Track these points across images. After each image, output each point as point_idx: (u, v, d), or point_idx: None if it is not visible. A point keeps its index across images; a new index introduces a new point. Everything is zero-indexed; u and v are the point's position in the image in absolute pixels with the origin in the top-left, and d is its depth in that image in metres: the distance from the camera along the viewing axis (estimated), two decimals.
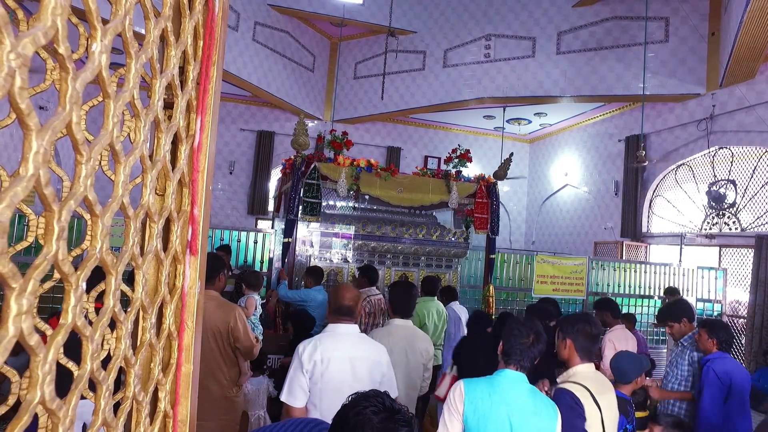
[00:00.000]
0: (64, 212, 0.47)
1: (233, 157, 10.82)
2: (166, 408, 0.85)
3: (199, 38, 0.88)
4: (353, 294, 2.38)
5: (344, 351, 2.23)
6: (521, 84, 9.34)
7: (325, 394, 2.15)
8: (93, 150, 0.52)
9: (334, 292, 2.39)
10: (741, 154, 7.38)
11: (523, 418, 1.79)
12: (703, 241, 7.79)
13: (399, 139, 11.87)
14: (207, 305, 2.60)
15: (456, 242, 5.69)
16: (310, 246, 5.34)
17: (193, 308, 0.91)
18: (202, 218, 0.91)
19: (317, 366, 2.16)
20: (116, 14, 0.57)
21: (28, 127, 0.41)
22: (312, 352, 2.19)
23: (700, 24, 7.71)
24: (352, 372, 2.20)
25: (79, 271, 0.51)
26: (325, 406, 2.10)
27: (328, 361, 2.17)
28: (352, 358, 2.23)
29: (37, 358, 0.44)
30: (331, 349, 2.21)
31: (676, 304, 3.67)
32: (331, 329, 2.32)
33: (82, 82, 0.48)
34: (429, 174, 5.40)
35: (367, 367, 2.25)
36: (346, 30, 10.64)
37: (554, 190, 11.53)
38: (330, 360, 2.18)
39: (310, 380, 2.16)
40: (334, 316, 2.34)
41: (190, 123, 0.88)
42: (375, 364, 2.28)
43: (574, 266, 6.74)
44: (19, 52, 0.38)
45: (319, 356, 2.17)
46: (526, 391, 1.86)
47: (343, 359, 2.21)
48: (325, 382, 2.15)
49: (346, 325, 2.33)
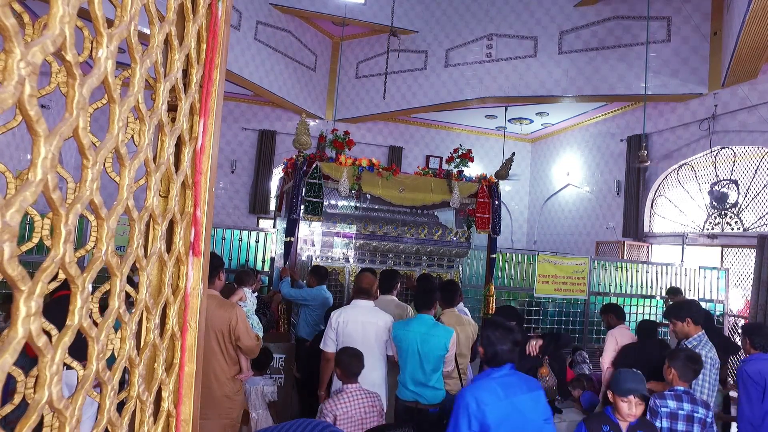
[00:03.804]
0: (71, 216, 0.47)
1: (235, 156, 10.83)
2: (169, 407, 0.86)
3: (202, 42, 0.89)
4: (370, 279, 3.51)
5: (358, 317, 3.32)
6: (523, 84, 9.34)
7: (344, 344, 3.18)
8: (99, 154, 0.53)
9: (357, 278, 3.60)
10: (743, 154, 7.37)
11: None
12: (705, 241, 7.78)
13: (401, 139, 11.87)
14: (208, 304, 2.61)
15: (458, 242, 5.69)
16: (312, 245, 5.34)
17: (195, 309, 0.92)
18: (204, 220, 0.92)
19: (340, 325, 3.30)
20: (122, 20, 0.58)
21: (37, 133, 0.42)
22: (338, 316, 3.33)
23: (702, 23, 7.70)
24: (363, 331, 3.28)
25: (85, 273, 0.52)
26: None
27: (347, 323, 3.29)
28: (364, 322, 3.31)
29: (45, 359, 0.45)
30: (351, 315, 3.33)
31: (687, 303, 3.63)
32: (353, 303, 3.44)
33: (89, 87, 0.49)
34: (431, 173, 5.40)
35: (373, 329, 3.31)
36: (348, 29, 10.65)
37: (556, 190, 11.52)
38: (348, 322, 3.29)
39: (336, 334, 3.29)
40: (356, 294, 3.48)
41: (194, 125, 0.89)
42: (378, 327, 3.32)
43: (575, 266, 6.74)
44: (29, 61, 0.39)
45: (342, 319, 3.31)
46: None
47: (357, 322, 3.30)
48: (345, 336, 3.26)
49: (363, 300, 3.41)
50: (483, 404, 2.04)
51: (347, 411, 2.59)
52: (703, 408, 2.65)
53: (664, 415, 2.67)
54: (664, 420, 2.66)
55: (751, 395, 3.00)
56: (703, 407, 2.66)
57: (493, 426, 2.02)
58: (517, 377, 2.21)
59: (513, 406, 2.09)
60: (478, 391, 2.09)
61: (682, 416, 2.65)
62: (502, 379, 2.15)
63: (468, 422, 2.04)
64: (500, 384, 2.13)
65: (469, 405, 2.06)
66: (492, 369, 2.21)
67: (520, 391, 2.14)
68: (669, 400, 2.68)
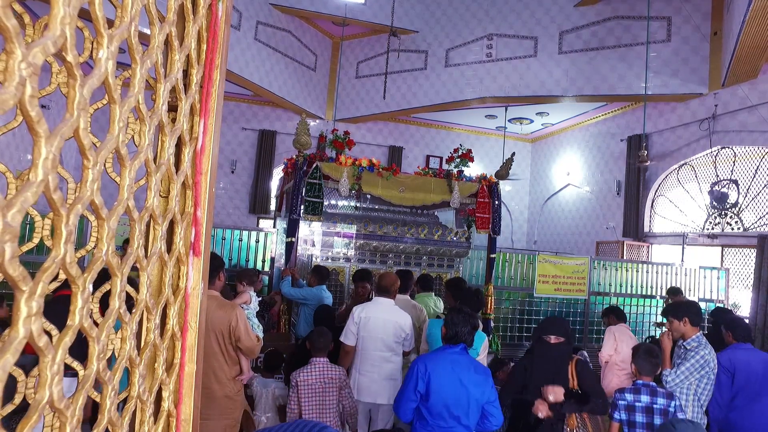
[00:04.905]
0: (72, 216, 0.48)
1: (235, 156, 10.84)
2: (169, 407, 0.86)
3: (202, 42, 0.89)
4: (391, 279, 3.63)
5: (379, 314, 3.45)
6: (523, 84, 9.34)
7: (364, 338, 3.43)
8: (99, 155, 0.53)
9: (379, 277, 3.71)
10: (743, 153, 7.37)
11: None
12: (706, 241, 7.78)
13: (401, 139, 11.87)
14: (208, 305, 2.61)
15: (458, 242, 5.69)
16: (312, 245, 5.35)
17: (196, 309, 0.92)
18: (205, 220, 0.92)
19: (362, 320, 3.43)
20: (122, 20, 0.58)
21: (38, 134, 0.42)
22: (360, 311, 3.47)
23: (702, 23, 7.70)
24: (383, 328, 3.42)
25: (86, 273, 0.52)
26: (365, 345, 3.43)
27: (368, 319, 3.43)
28: (384, 319, 3.44)
29: (46, 359, 0.45)
30: (372, 311, 3.47)
31: (686, 303, 3.77)
32: (374, 300, 3.60)
33: (90, 88, 0.49)
34: (431, 173, 5.40)
35: (392, 326, 3.43)
36: (348, 29, 10.65)
37: (556, 190, 11.52)
38: (369, 318, 3.43)
39: (357, 329, 3.43)
40: (378, 292, 3.61)
41: (194, 126, 0.89)
42: (397, 325, 3.45)
43: (575, 266, 6.74)
44: (30, 62, 0.39)
45: (364, 314, 3.45)
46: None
47: (378, 319, 3.43)
48: (366, 331, 3.42)
49: (384, 298, 3.55)
50: (431, 369, 2.45)
51: (307, 379, 3.06)
52: (664, 398, 2.83)
53: (621, 407, 2.88)
54: (622, 412, 2.87)
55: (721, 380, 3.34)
56: (663, 398, 2.83)
57: (434, 389, 2.42)
58: (468, 358, 2.56)
59: (458, 378, 2.44)
60: (429, 359, 2.54)
61: (640, 408, 2.84)
62: (453, 356, 2.54)
63: (415, 383, 2.46)
64: (451, 358, 2.52)
65: (419, 369, 2.48)
66: (448, 346, 2.60)
67: (467, 369, 2.49)
68: (627, 393, 2.89)
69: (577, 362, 2.85)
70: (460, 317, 2.59)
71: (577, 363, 2.85)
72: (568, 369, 2.81)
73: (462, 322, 2.58)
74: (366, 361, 3.44)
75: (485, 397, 2.48)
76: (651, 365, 2.98)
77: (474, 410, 2.47)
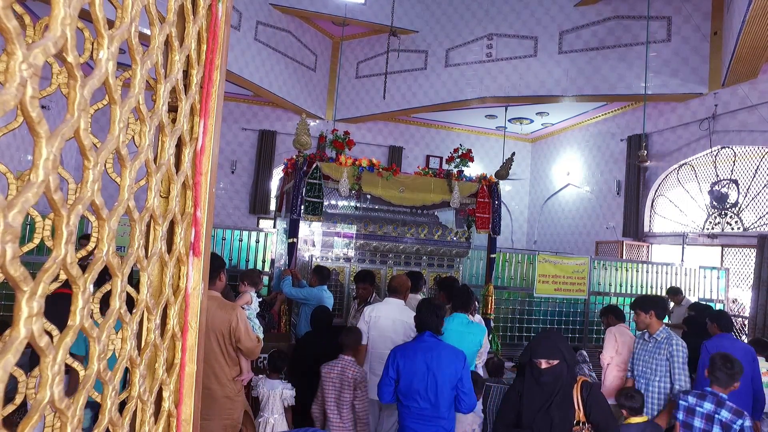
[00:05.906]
0: (73, 216, 0.48)
1: (235, 157, 10.84)
2: (170, 407, 0.87)
3: (202, 42, 0.89)
4: (401, 280, 3.81)
5: (389, 313, 3.65)
6: (523, 83, 9.34)
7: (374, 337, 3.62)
8: (100, 155, 0.53)
9: (391, 278, 3.98)
10: (743, 153, 7.37)
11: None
12: (706, 240, 7.78)
13: (401, 139, 11.87)
14: (208, 305, 2.62)
15: (458, 242, 5.69)
16: (312, 245, 5.34)
17: (196, 309, 0.92)
18: (205, 220, 0.92)
19: (372, 319, 3.63)
20: (122, 21, 0.58)
21: (39, 134, 0.42)
22: (371, 311, 3.67)
23: (702, 23, 7.70)
24: (393, 327, 3.60)
25: (86, 274, 0.52)
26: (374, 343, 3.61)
27: (378, 318, 3.63)
28: (394, 319, 3.63)
29: (47, 359, 0.46)
30: (382, 311, 3.67)
31: (654, 298, 3.89)
32: (385, 300, 3.78)
33: (90, 89, 0.49)
34: (431, 173, 5.40)
35: (401, 326, 3.60)
36: (348, 29, 10.65)
37: (556, 190, 11.53)
38: (379, 317, 3.63)
39: (368, 327, 3.60)
40: (389, 293, 3.82)
41: (194, 126, 0.89)
42: (406, 325, 3.56)
43: (575, 266, 6.74)
44: (31, 63, 0.39)
45: (375, 314, 3.65)
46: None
47: (388, 318, 3.63)
48: (376, 330, 3.61)
49: (394, 299, 3.72)
50: (399, 356, 2.77)
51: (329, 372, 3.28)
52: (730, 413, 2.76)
53: (682, 408, 2.97)
54: (681, 413, 2.97)
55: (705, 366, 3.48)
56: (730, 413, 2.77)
57: (403, 373, 2.72)
58: (436, 342, 2.80)
59: (425, 365, 2.69)
60: (400, 348, 2.84)
61: (701, 413, 2.87)
62: (420, 343, 2.80)
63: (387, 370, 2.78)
64: (419, 346, 2.78)
65: (391, 357, 2.80)
66: (419, 335, 2.87)
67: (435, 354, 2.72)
68: (690, 396, 2.97)
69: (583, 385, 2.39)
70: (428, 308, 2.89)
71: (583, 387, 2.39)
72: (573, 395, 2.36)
73: (428, 312, 2.87)
74: (376, 359, 3.55)
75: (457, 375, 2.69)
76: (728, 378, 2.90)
77: (447, 391, 2.69)
